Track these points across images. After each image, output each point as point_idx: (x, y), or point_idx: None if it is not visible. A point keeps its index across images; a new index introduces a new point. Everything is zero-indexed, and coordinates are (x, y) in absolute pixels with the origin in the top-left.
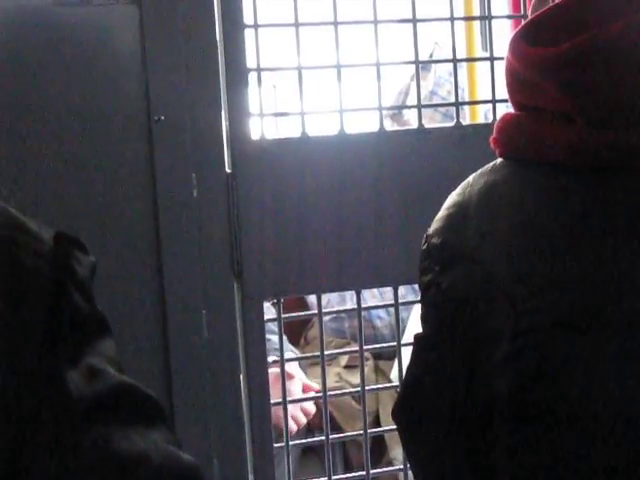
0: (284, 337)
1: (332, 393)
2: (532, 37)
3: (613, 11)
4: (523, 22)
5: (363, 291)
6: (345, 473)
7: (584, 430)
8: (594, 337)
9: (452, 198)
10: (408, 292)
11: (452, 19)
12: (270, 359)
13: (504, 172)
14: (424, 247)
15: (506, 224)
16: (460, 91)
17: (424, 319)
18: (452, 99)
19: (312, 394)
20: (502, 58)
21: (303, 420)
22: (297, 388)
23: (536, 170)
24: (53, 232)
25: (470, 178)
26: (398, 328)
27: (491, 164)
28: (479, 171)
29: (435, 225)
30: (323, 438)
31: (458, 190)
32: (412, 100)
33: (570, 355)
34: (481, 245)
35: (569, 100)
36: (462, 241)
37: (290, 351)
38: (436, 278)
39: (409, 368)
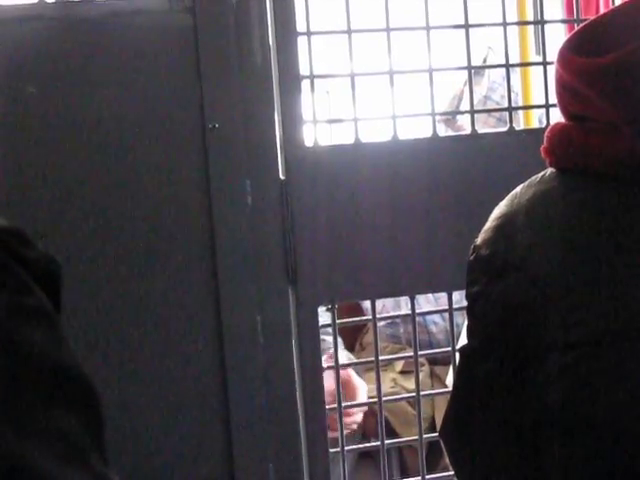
0: (339, 342)
1: (387, 398)
2: (579, 48)
3: None
4: (576, 27)
5: (418, 296)
6: (401, 478)
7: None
8: None
9: (499, 209)
10: (463, 297)
11: (505, 24)
12: (324, 364)
13: (553, 183)
14: (472, 258)
15: (555, 236)
16: (514, 95)
17: (471, 331)
18: (506, 103)
19: (355, 399)
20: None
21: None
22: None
23: (585, 181)
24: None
25: (518, 189)
26: (452, 333)
27: (540, 175)
28: (527, 182)
29: (483, 236)
30: (378, 443)
31: (505, 201)
32: (466, 105)
33: (621, 365)
34: (530, 257)
35: (615, 110)
36: (511, 252)
37: (345, 356)
38: (484, 289)
39: (456, 382)
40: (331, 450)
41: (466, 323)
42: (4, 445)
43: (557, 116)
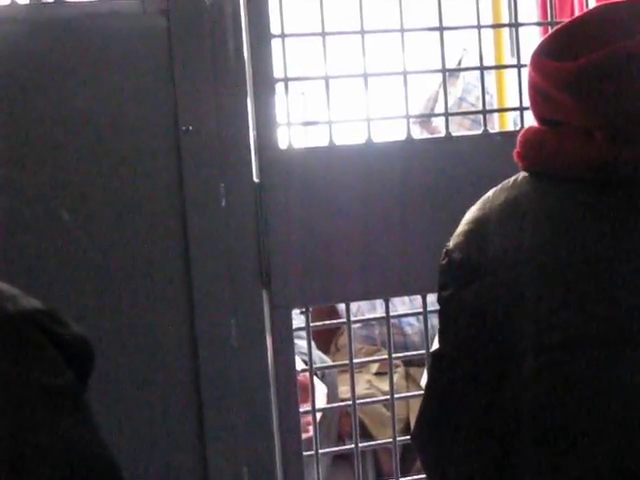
0: (313, 344)
1: (362, 401)
2: (552, 51)
3: (630, 27)
4: (550, 30)
5: (393, 298)
6: None
7: (614, 442)
8: (618, 351)
9: (472, 213)
10: None
11: (479, 27)
12: (298, 366)
13: (526, 188)
14: (444, 262)
15: (527, 241)
16: (488, 97)
17: (442, 335)
18: (481, 105)
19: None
20: None
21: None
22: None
23: (558, 185)
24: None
25: (490, 193)
26: (427, 335)
27: (512, 179)
28: (499, 186)
29: (455, 240)
30: (353, 446)
31: (478, 205)
32: (441, 106)
33: (595, 369)
34: (502, 261)
35: (587, 114)
36: (483, 257)
37: (319, 358)
38: (456, 293)
39: (428, 386)
40: (305, 453)
41: None
42: None
43: (531, 119)
